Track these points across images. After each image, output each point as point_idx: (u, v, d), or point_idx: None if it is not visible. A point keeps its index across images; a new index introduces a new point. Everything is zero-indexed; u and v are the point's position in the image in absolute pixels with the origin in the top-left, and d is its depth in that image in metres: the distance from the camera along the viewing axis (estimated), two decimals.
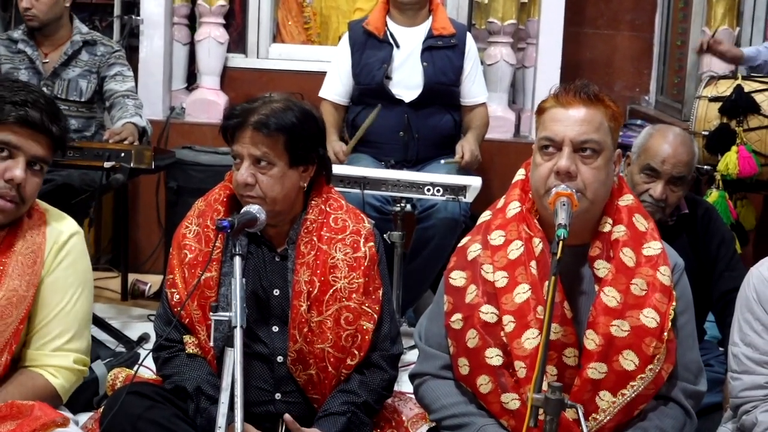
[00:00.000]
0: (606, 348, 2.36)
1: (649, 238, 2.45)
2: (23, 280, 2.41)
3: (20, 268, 2.41)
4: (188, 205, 2.83)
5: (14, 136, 2.36)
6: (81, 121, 4.33)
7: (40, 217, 2.50)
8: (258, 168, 2.55)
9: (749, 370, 2.60)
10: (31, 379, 2.45)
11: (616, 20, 5.95)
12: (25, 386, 2.42)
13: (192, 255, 2.62)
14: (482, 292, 2.44)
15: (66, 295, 2.48)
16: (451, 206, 4.11)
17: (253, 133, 2.54)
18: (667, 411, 2.45)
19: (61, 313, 2.47)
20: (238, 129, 2.57)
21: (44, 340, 2.46)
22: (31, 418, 2.29)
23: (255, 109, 2.57)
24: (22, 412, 2.31)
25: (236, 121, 2.57)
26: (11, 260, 2.41)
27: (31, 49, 4.27)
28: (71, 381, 2.50)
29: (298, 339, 2.58)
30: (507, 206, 2.53)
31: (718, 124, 4.01)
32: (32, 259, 2.43)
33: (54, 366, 2.46)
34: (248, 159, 2.55)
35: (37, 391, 2.42)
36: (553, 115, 2.41)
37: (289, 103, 2.62)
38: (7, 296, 2.38)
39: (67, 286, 2.49)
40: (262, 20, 5.57)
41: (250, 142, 2.55)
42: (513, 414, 2.37)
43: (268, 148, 2.55)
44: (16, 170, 2.35)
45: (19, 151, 2.36)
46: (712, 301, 3.38)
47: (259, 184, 2.54)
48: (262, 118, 2.54)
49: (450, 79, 4.51)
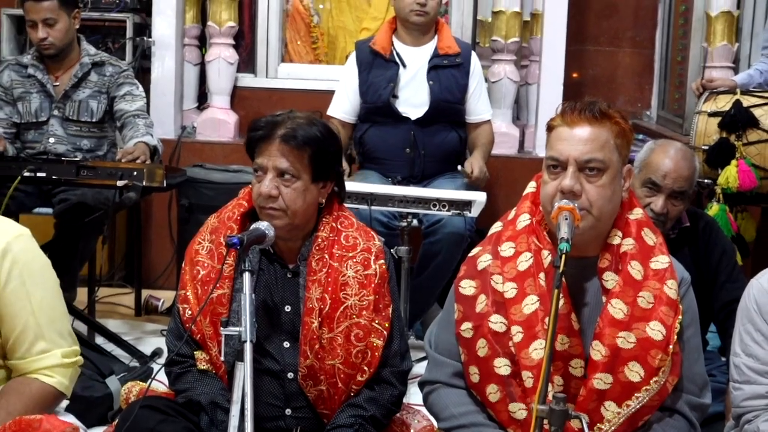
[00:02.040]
0: (612, 359, 2.36)
1: (657, 252, 2.45)
2: None
3: None
4: (200, 222, 2.82)
5: None
6: (93, 141, 4.34)
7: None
8: (282, 180, 2.53)
9: (751, 380, 2.59)
10: (27, 386, 2.40)
11: (617, 37, 5.96)
12: (23, 394, 2.39)
13: (205, 271, 2.61)
14: (492, 302, 2.44)
15: (28, 301, 2.42)
16: (457, 221, 4.11)
17: (281, 146, 2.52)
18: (672, 423, 2.45)
19: (30, 319, 2.41)
20: (264, 141, 2.54)
21: (23, 348, 2.42)
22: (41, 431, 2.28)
23: (281, 122, 2.55)
24: (31, 427, 2.29)
25: (262, 133, 2.54)
26: None
27: (41, 73, 4.29)
28: (67, 375, 2.47)
29: (309, 355, 2.57)
30: (517, 218, 2.53)
31: (718, 138, 4.01)
32: None
33: (44, 367, 2.43)
34: (273, 171, 2.53)
35: (36, 396, 2.40)
36: (559, 134, 2.41)
37: (312, 119, 2.61)
38: None
39: (26, 292, 2.42)
40: (271, 40, 5.59)
41: (276, 154, 2.52)
42: (520, 424, 2.37)
43: (295, 160, 2.53)
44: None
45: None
46: (714, 312, 3.38)
47: (282, 196, 2.53)
48: (289, 131, 2.53)
49: (455, 97, 4.52)
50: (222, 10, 5.33)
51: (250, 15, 5.56)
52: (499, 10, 5.24)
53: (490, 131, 4.67)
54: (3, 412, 2.35)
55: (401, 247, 3.88)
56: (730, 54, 5.12)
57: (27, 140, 4.32)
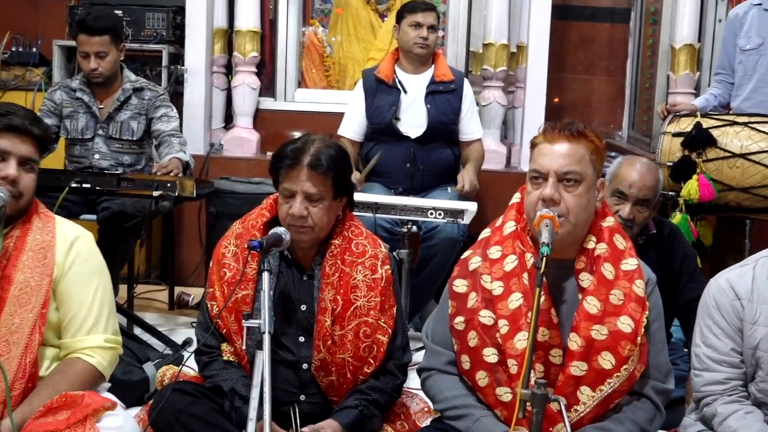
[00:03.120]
0: (587, 349, 2.36)
1: (626, 255, 2.45)
2: (35, 272, 2.41)
3: (31, 263, 2.42)
4: (225, 227, 2.82)
5: (3, 141, 2.40)
6: (133, 157, 4.35)
7: (48, 221, 2.51)
8: (310, 202, 2.52)
9: (710, 368, 2.59)
10: (71, 365, 2.44)
11: (592, 66, 5.96)
12: (67, 373, 2.42)
13: (231, 273, 2.61)
14: (481, 299, 2.44)
15: (85, 288, 2.48)
16: (451, 227, 4.11)
17: (308, 172, 2.51)
18: (640, 405, 2.45)
19: (84, 304, 2.47)
20: (293, 167, 2.52)
21: (75, 329, 2.46)
22: (83, 406, 2.29)
23: (305, 150, 2.53)
24: (74, 402, 2.31)
25: (290, 163, 2.52)
26: (23, 256, 2.42)
27: (88, 96, 4.29)
28: (107, 358, 2.49)
29: (322, 349, 2.57)
30: (504, 225, 2.53)
31: (681, 156, 4.00)
32: (42, 255, 2.44)
33: (88, 347, 2.46)
34: (301, 195, 2.51)
35: (79, 374, 2.42)
36: (540, 149, 2.42)
37: (328, 143, 2.61)
38: (20, 287, 2.38)
39: (84, 281, 2.48)
40: (289, 68, 5.60)
41: (304, 179, 2.51)
42: (506, 406, 2.37)
43: (320, 184, 2.52)
44: (9, 169, 2.39)
45: (9, 154, 2.40)
46: (677, 308, 3.38)
47: (311, 216, 2.52)
48: (313, 158, 2.51)
49: (450, 119, 4.52)
50: (246, 42, 5.34)
51: (270, 46, 5.57)
52: (489, 42, 5.24)
53: (481, 148, 4.68)
54: (50, 388, 2.37)
55: (402, 250, 3.88)
56: (692, 82, 5.13)
57: (74, 155, 4.33)
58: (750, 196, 3.94)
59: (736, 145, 3.95)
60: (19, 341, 2.37)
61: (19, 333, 2.37)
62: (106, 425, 2.30)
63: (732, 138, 3.97)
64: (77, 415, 2.27)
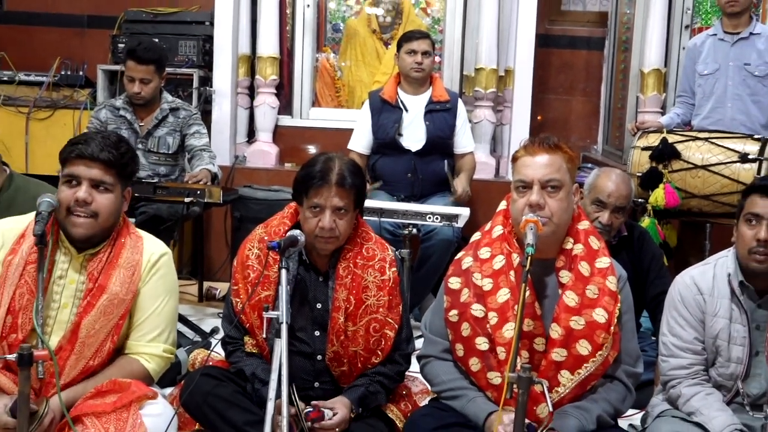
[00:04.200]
0: (566, 338, 2.36)
1: (600, 254, 2.45)
2: (123, 287, 2.40)
3: (122, 278, 2.41)
4: (248, 230, 2.81)
5: (75, 168, 2.35)
6: (168, 168, 4.35)
7: (137, 241, 2.49)
8: (337, 215, 2.50)
9: (675, 354, 2.59)
10: (130, 363, 2.44)
11: (571, 88, 5.96)
12: (124, 369, 2.42)
13: (254, 274, 2.58)
14: (473, 294, 2.44)
15: (157, 300, 2.48)
16: (447, 230, 4.11)
17: (337, 189, 2.48)
18: (612, 387, 2.44)
19: (153, 314, 2.47)
20: (322, 186, 2.48)
21: (140, 333, 2.46)
22: (129, 392, 2.29)
23: (331, 169, 2.49)
24: (122, 388, 2.31)
25: (319, 182, 2.48)
26: (115, 272, 2.41)
27: (130, 114, 4.30)
28: (160, 366, 2.50)
29: (335, 343, 2.56)
30: (492, 229, 2.53)
31: (649, 167, 4.01)
32: (131, 272, 2.43)
33: (147, 353, 2.46)
34: (330, 209, 2.48)
35: (134, 373, 2.42)
36: (523, 162, 2.42)
37: (347, 161, 2.58)
38: (110, 298, 2.37)
39: (158, 294, 2.48)
40: (304, 90, 5.60)
41: (334, 195, 2.48)
42: (495, 388, 2.37)
43: (347, 198, 2.50)
44: (79, 192, 2.34)
45: (81, 178, 2.35)
46: (646, 301, 3.37)
47: (338, 227, 2.50)
48: (339, 177, 2.48)
49: (446, 134, 4.52)
50: (267, 67, 5.35)
51: (288, 70, 5.57)
52: (480, 67, 5.24)
53: (473, 160, 4.67)
54: (104, 376, 2.37)
55: (404, 250, 3.87)
56: (659, 102, 5.12)
57: None
58: (710, 203, 3.94)
59: (697, 157, 3.95)
60: (92, 345, 2.37)
61: (95, 338, 2.37)
62: (148, 412, 2.30)
63: (694, 151, 3.97)
64: (123, 400, 2.27)
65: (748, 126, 4.19)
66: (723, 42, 4.27)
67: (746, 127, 4.18)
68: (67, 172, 2.37)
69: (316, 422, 2.40)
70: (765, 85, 4.20)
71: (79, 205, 2.34)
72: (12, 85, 5.38)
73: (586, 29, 5.95)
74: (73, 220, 2.35)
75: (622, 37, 5.66)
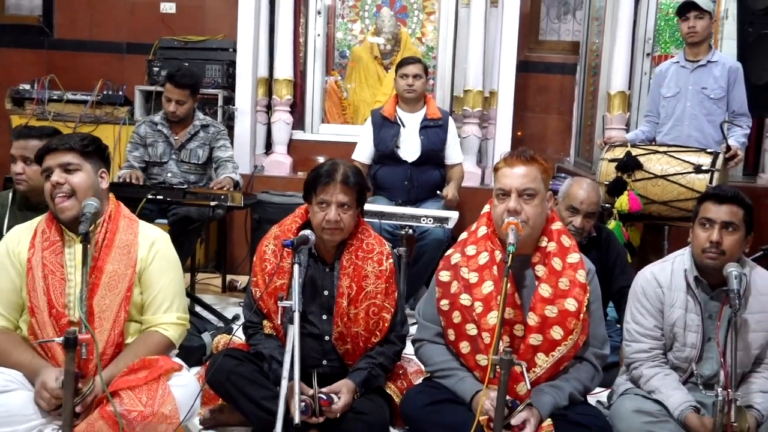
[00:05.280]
0: (542, 324, 2.36)
1: (571, 251, 2.45)
2: (122, 265, 2.41)
3: (118, 258, 2.41)
4: (265, 229, 2.82)
5: (46, 162, 2.42)
6: (197, 176, 4.34)
7: (132, 224, 2.51)
8: (342, 210, 2.53)
9: (637, 340, 2.59)
10: (150, 336, 2.44)
11: (547, 108, 5.96)
12: (147, 341, 2.42)
13: (270, 266, 2.60)
14: (461, 286, 2.44)
15: (162, 277, 2.47)
16: (439, 231, 4.11)
17: (342, 187, 2.52)
18: (582, 367, 2.45)
19: (161, 290, 2.46)
20: (328, 184, 2.52)
21: (154, 308, 2.46)
22: (157, 367, 2.30)
23: (336, 170, 2.54)
24: (151, 364, 2.32)
25: (326, 180, 2.53)
26: (112, 252, 2.41)
27: (166, 129, 4.29)
28: (178, 332, 2.49)
29: (340, 324, 2.57)
30: (477, 229, 2.53)
31: (615, 176, 4.00)
32: (127, 251, 2.43)
33: (164, 323, 2.46)
34: (335, 204, 2.52)
35: (157, 343, 2.42)
36: (503, 172, 2.42)
37: (350, 165, 2.62)
38: (110, 276, 2.38)
39: (162, 271, 2.48)
40: (315, 108, 5.60)
41: (339, 192, 2.52)
42: (482, 368, 2.37)
43: (350, 195, 2.54)
44: (53, 176, 2.38)
45: (52, 167, 2.40)
46: (612, 293, 3.37)
47: (343, 220, 2.53)
48: (343, 176, 2.53)
49: (438, 148, 4.51)
50: (282, 88, 5.34)
51: (301, 91, 5.57)
52: (468, 89, 5.23)
53: (461, 170, 4.67)
54: (132, 353, 2.37)
55: (401, 248, 3.87)
56: (623, 120, 5.12)
57: (152, 173, 4.32)
58: (668, 208, 3.93)
59: (657, 168, 3.94)
60: (109, 317, 2.37)
61: (109, 311, 2.37)
62: (175, 383, 2.31)
63: (654, 163, 3.97)
64: (153, 374, 2.28)
65: (702, 142, 4.19)
66: (684, 68, 4.27)
67: (700, 142, 4.18)
68: (42, 167, 2.41)
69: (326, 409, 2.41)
70: (719, 106, 4.21)
71: (56, 189, 2.38)
72: (61, 103, 5.38)
73: (560, 56, 5.96)
74: (59, 206, 2.38)
75: (592, 63, 5.66)
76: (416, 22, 5.57)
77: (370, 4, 5.60)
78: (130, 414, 2.20)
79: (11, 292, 2.40)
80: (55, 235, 2.41)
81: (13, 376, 2.28)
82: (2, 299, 2.40)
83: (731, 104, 4.20)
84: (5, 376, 2.27)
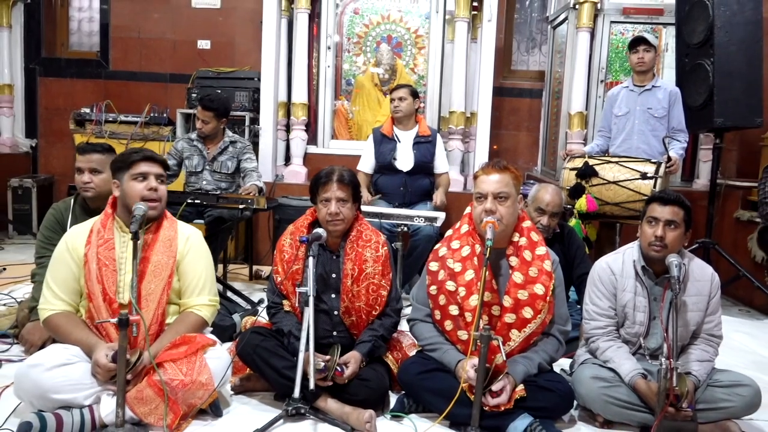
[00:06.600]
0: (515, 305, 2.35)
1: (539, 245, 2.44)
2: (164, 255, 2.41)
3: (162, 249, 2.41)
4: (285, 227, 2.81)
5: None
6: (227, 184, 4.33)
7: (173, 223, 2.51)
8: (340, 204, 2.53)
9: (594, 318, 2.58)
10: (187, 316, 2.43)
11: (519, 126, 5.96)
12: (185, 320, 2.41)
13: (288, 256, 2.60)
14: (447, 274, 2.43)
15: (197, 266, 2.47)
16: (429, 228, 4.09)
17: (338, 185, 2.53)
18: (549, 341, 2.44)
19: (195, 277, 2.46)
20: (327, 183, 2.54)
21: (189, 292, 2.46)
22: (195, 343, 2.30)
23: (333, 171, 2.56)
24: (190, 340, 2.32)
25: (325, 179, 2.56)
26: (156, 245, 2.41)
27: (201, 145, 4.28)
28: (210, 311, 2.48)
29: (346, 301, 2.56)
30: (461, 227, 2.52)
31: (575, 182, 4.00)
32: (169, 244, 2.43)
33: (198, 305, 2.45)
34: (335, 199, 2.53)
35: (193, 321, 2.42)
36: (481, 179, 2.42)
37: (346, 168, 2.63)
38: (155, 264, 2.38)
39: (196, 262, 2.47)
40: (326, 127, 5.59)
41: (337, 189, 2.53)
42: (463, 342, 2.37)
43: (346, 191, 2.54)
44: (152, 183, 2.41)
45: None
46: (573, 280, 3.36)
47: (342, 213, 2.54)
48: (339, 175, 2.55)
49: (428, 160, 4.49)
50: (299, 110, 5.33)
51: (314, 113, 5.56)
52: (452, 110, 5.23)
53: (448, 179, 4.64)
54: (173, 331, 2.37)
55: (398, 243, 3.86)
56: (582, 136, 5.12)
57: (190, 182, 4.31)
58: (620, 209, 3.93)
59: (610, 175, 3.94)
60: (154, 300, 2.37)
61: (154, 295, 2.37)
62: (210, 356, 2.31)
63: (608, 171, 3.96)
64: (191, 348, 2.28)
65: (648, 153, 4.19)
66: (632, 92, 4.28)
67: (647, 153, 4.18)
68: (138, 171, 2.43)
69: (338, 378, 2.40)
70: (662, 124, 4.23)
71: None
72: (115, 123, 5.38)
73: (529, 83, 5.96)
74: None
75: (555, 89, 5.66)
76: (410, 55, 5.56)
77: (371, 41, 5.59)
78: (172, 382, 2.21)
79: (72, 281, 2.39)
80: (108, 234, 2.41)
81: (74, 351, 2.28)
82: (65, 287, 2.39)
83: (671, 122, 4.22)
84: (69, 351, 2.27)
